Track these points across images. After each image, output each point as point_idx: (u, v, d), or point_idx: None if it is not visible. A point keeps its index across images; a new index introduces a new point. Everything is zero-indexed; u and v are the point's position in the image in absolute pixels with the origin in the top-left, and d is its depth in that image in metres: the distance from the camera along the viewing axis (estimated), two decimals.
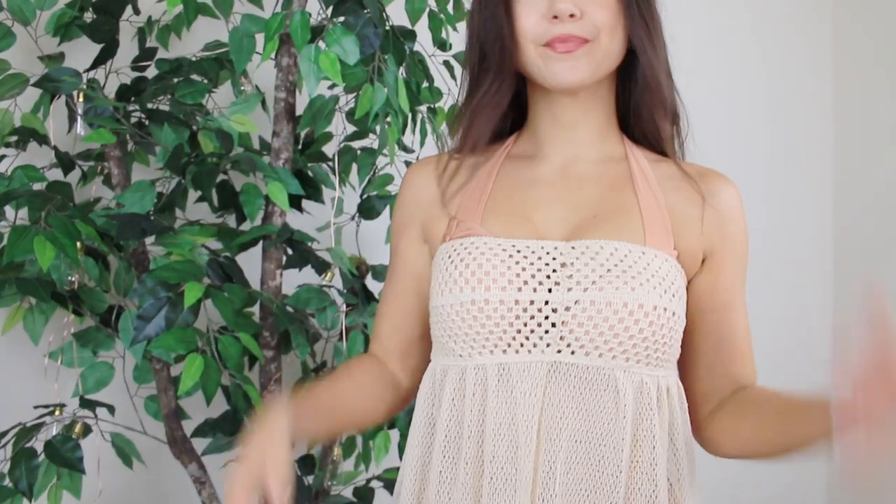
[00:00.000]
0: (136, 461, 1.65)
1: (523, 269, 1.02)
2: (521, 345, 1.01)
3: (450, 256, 1.06)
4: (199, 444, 1.67)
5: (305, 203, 1.79)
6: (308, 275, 1.78)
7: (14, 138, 1.69)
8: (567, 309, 1.00)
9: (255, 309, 1.70)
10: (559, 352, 1.00)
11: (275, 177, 1.61)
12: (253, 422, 1.06)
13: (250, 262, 1.71)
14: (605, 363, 1.00)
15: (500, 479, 1.01)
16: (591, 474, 1.01)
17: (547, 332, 1.00)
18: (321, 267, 1.73)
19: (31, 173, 1.60)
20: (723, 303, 1.09)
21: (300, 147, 1.78)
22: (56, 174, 1.72)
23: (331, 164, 1.79)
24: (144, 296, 1.44)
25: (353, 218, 1.84)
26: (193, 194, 1.80)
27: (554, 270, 1.01)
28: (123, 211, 1.53)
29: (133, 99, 1.71)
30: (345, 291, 1.68)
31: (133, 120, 1.71)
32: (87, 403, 1.60)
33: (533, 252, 1.03)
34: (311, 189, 1.73)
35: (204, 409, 1.73)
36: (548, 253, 1.03)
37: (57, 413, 1.60)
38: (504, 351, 1.02)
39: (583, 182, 1.10)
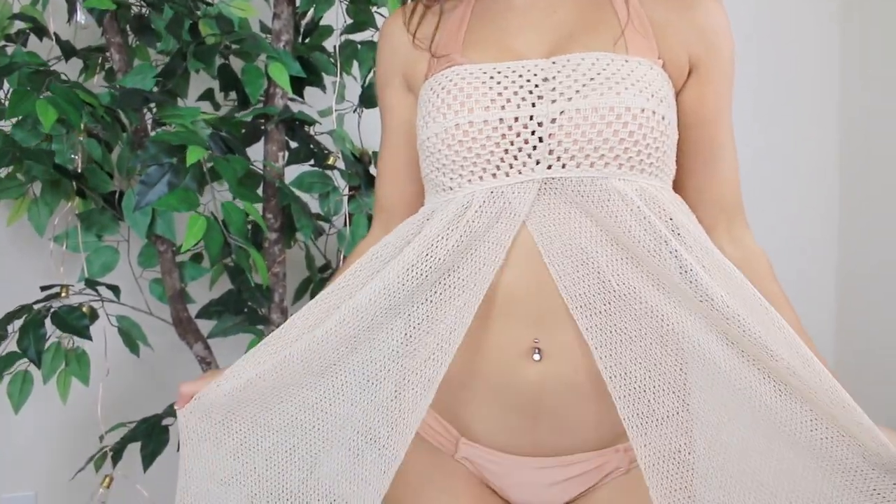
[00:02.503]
0: (143, 345, 1.66)
1: (505, 88, 1.00)
2: (511, 166, 0.99)
3: (432, 89, 1.04)
4: (204, 326, 1.67)
5: (307, 94, 1.80)
6: None
7: (15, 29, 1.70)
8: (553, 121, 0.97)
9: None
10: (550, 167, 0.98)
11: (276, 56, 1.61)
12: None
13: (252, 155, 1.71)
14: (599, 172, 0.97)
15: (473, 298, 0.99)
16: (645, 278, 0.96)
17: (535, 147, 0.98)
18: (323, 157, 1.73)
19: (34, 59, 1.60)
20: (709, 118, 1.06)
21: (301, 37, 1.78)
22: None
23: (332, 58, 1.79)
24: (147, 161, 1.44)
25: (354, 110, 1.84)
26: (195, 87, 1.81)
27: (536, 86, 0.99)
28: None
29: None
30: (348, 173, 1.68)
31: (133, 12, 1.72)
32: (92, 284, 1.60)
33: (514, 72, 1.01)
34: (312, 76, 1.73)
35: (208, 295, 1.74)
36: (528, 70, 1.01)
37: (63, 294, 1.61)
38: (494, 175, 0.99)
39: (557, 5, 1.08)
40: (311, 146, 1.74)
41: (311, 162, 1.75)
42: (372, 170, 1.79)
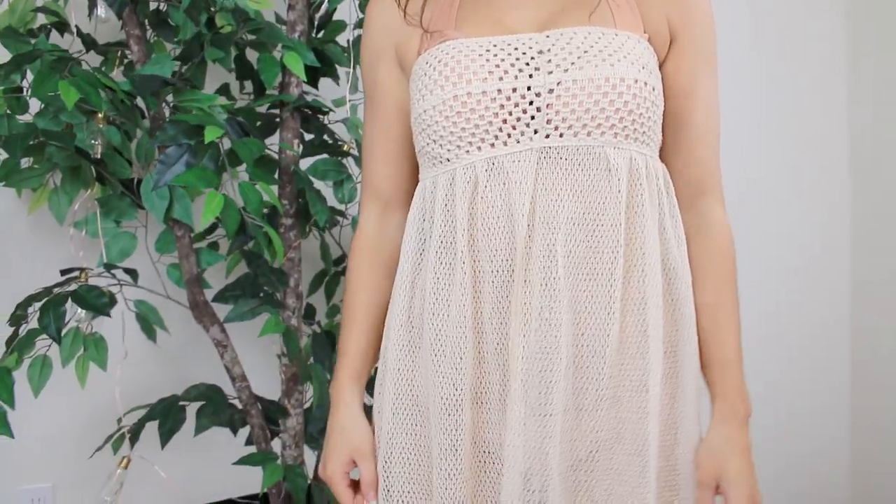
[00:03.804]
0: (160, 329, 1.68)
1: (502, 61, 1.03)
2: (509, 135, 1.02)
3: (428, 63, 1.07)
4: (220, 310, 1.70)
5: (321, 86, 1.83)
6: None
7: (37, 24, 1.74)
8: (550, 91, 1.01)
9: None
10: (547, 136, 1.01)
11: (291, 46, 1.65)
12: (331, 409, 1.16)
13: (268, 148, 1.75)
14: (595, 141, 1.01)
15: (500, 272, 1.01)
16: (591, 255, 1.01)
17: (533, 117, 1.01)
18: (337, 148, 1.77)
19: (55, 48, 1.64)
20: (682, 88, 1.09)
21: (315, 31, 1.82)
22: None
23: (345, 51, 1.83)
24: (165, 142, 1.47)
25: None
26: (211, 83, 1.85)
27: (532, 58, 1.02)
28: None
29: None
30: (359, 157, 1.71)
31: (152, 7, 1.77)
32: (110, 268, 1.63)
33: (509, 44, 1.04)
34: (326, 66, 1.77)
35: (224, 282, 1.76)
36: (524, 43, 1.04)
37: (82, 278, 1.63)
38: (492, 144, 1.02)
39: None
40: (326, 136, 1.77)
41: (326, 155, 1.78)
42: None
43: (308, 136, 1.82)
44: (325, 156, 1.75)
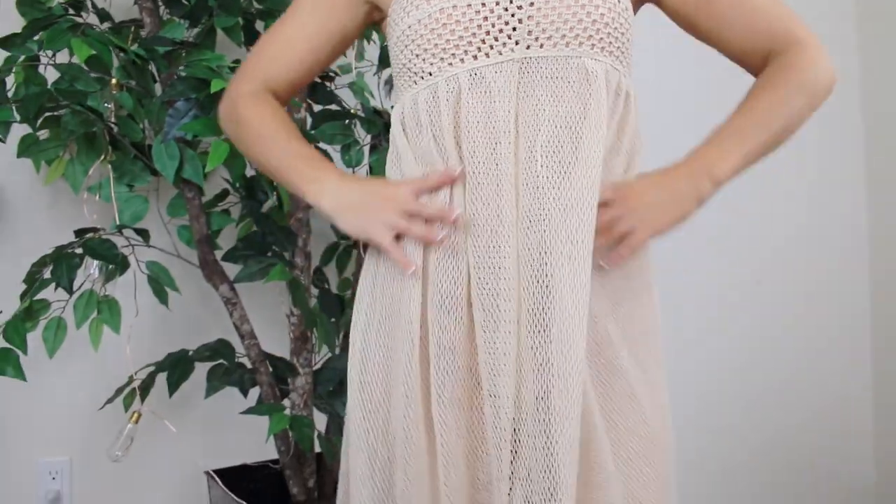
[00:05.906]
0: (170, 290, 1.71)
1: None
2: (491, 46, 1.07)
3: None
4: (230, 270, 1.72)
5: None
6: None
7: (54, 2, 1.81)
8: (531, 4, 1.06)
9: None
10: (528, 47, 1.07)
11: None
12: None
13: None
14: (573, 51, 1.06)
15: (481, 174, 1.05)
16: (574, 154, 1.05)
17: (515, 28, 1.06)
18: (345, 112, 1.81)
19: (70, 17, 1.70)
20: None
21: None
22: None
23: None
24: (173, 96, 1.52)
25: (375, 73, 1.91)
26: (221, 45, 1.90)
27: None
28: None
29: None
30: (367, 120, 1.74)
31: None
32: (122, 228, 1.66)
33: None
34: None
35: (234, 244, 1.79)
36: None
37: (95, 238, 1.67)
38: (475, 56, 1.07)
39: None
40: (334, 105, 1.81)
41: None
42: None
43: (317, 108, 1.85)
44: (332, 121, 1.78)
